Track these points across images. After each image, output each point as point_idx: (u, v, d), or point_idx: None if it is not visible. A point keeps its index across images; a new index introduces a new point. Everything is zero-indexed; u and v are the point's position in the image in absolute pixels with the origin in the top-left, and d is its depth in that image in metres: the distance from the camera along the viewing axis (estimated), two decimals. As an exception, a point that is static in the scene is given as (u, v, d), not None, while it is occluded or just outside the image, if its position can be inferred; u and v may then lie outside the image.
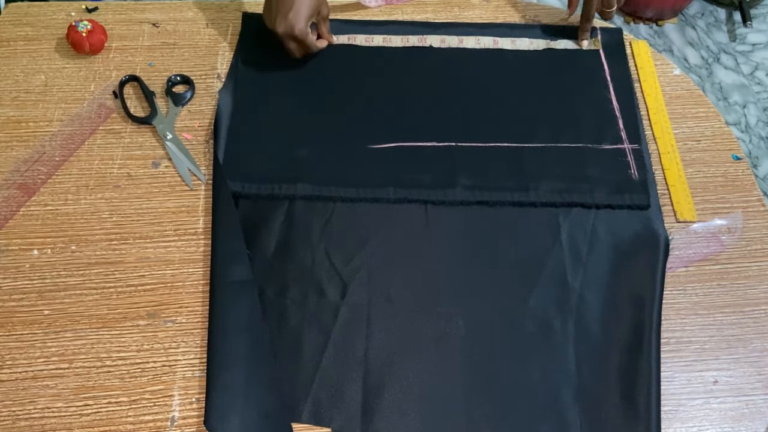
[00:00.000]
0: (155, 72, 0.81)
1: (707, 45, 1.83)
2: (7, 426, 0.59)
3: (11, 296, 0.65)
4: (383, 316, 0.65)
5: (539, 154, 0.75)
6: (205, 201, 0.72)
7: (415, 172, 0.73)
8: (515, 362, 0.63)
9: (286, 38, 0.76)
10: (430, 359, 0.63)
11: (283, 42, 0.76)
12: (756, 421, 0.61)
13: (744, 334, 0.65)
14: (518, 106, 0.79)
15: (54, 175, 0.73)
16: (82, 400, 0.60)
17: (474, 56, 0.83)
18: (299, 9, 0.73)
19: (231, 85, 0.79)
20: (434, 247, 0.69)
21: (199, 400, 0.60)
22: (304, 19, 0.74)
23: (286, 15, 0.74)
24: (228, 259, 0.66)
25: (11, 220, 0.70)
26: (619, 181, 0.73)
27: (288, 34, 0.75)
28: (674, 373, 0.63)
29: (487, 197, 0.71)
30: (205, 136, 0.76)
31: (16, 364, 0.62)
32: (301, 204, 0.71)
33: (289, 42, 0.76)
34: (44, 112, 0.77)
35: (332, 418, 0.60)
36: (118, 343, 0.63)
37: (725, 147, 0.77)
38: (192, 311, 0.65)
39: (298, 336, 0.63)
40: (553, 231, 0.70)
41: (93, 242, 0.68)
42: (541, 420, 0.60)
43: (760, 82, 1.77)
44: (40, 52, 0.82)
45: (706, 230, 0.71)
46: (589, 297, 0.66)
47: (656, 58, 0.85)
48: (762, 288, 0.68)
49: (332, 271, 0.67)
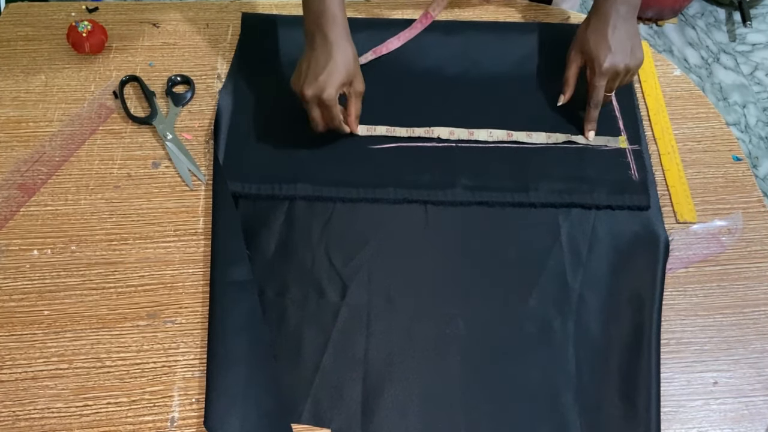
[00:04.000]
0: (155, 72, 0.81)
1: (707, 45, 1.83)
2: (7, 426, 0.59)
3: (11, 296, 0.65)
4: (383, 316, 0.65)
5: (539, 155, 0.75)
6: (205, 201, 0.71)
7: (415, 172, 0.73)
8: (515, 363, 0.63)
9: (312, 103, 0.69)
10: (430, 360, 0.63)
11: (309, 108, 0.70)
12: (756, 423, 0.61)
13: (744, 335, 0.65)
14: (516, 105, 0.79)
15: (54, 175, 0.73)
16: (82, 401, 0.60)
17: (474, 56, 0.83)
18: (331, 73, 0.68)
19: (231, 85, 0.79)
20: (434, 247, 0.69)
21: (199, 401, 0.60)
22: (335, 86, 0.68)
23: (316, 77, 0.68)
24: (228, 260, 0.66)
25: (11, 220, 0.70)
26: (619, 182, 0.73)
27: (315, 98, 0.68)
28: (674, 374, 0.63)
29: (487, 198, 0.71)
30: (205, 136, 0.76)
31: (16, 365, 0.62)
32: (301, 204, 0.71)
33: (314, 108, 0.70)
34: (44, 112, 0.77)
35: (332, 418, 0.60)
36: (118, 344, 0.63)
37: (725, 148, 0.77)
38: (192, 311, 0.65)
39: (298, 336, 0.63)
40: (553, 231, 0.70)
41: (93, 242, 0.68)
42: (541, 420, 0.60)
43: (759, 82, 1.77)
44: (40, 52, 0.82)
45: (706, 231, 0.71)
46: (589, 298, 0.66)
47: (656, 58, 0.85)
48: (762, 289, 0.68)
49: (332, 272, 0.67)
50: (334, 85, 0.68)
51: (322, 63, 0.68)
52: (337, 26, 0.69)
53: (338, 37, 0.69)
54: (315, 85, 0.68)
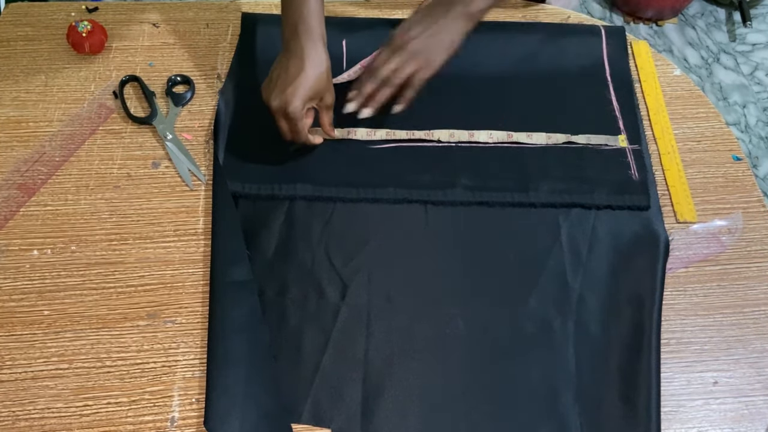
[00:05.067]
0: (155, 72, 0.81)
1: (707, 45, 1.83)
2: (7, 426, 0.59)
3: (11, 296, 0.65)
4: (383, 316, 0.65)
5: (539, 155, 0.75)
6: (205, 201, 0.71)
7: (415, 172, 0.73)
8: (515, 363, 0.63)
9: (278, 115, 0.68)
10: (430, 360, 0.63)
11: (275, 119, 0.69)
12: (756, 422, 0.61)
13: (744, 335, 0.65)
14: (516, 105, 0.79)
15: (54, 175, 0.73)
16: (82, 401, 0.60)
17: (474, 56, 0.83)
18: (298, 87, 0.66)
19: (231, 85, 0.79)
20: (434, 247, 0.69)
21: (199, 401, 0.60)
22: (302, 99, 0.66)
23: (283, 90, 0.66)
24: (228, 260, 0.66)
25: (11, 220, 0.70)
26: (619, 182, 0.73)
27: (280, 110, 0.67)
28: (674, 374, 0.63)
29: (487, 198, 0.71)
30: (205, 136, 0.76)
31: (16, 365, 0.61)
32: (301, 204, 0.71)
33: (281, 120, 0.69)
34: (44, 112, 0.77)
35: (332, 418, 0.60)
36: (118, 344, 0.63)
37: (725, 147, 0.77)
38: (192, 311, 0.65)
39: (298, 336, 0.63)
40: (553, 231, 0.70)
41: (93, 242, 0.68)
42: (541, 421, 0.60)
43: (759, 82, 1.77)
44: (40, 52, 0.82)
45: (706, 231, 0.71)
46: (589, 297, 0.66)
47: (656, 58, 0.85)
48: (762, 289, 0.68)
49: (332, 272, 0.67)
50: (300, 98, 0.66)
51: (293, 74, 0.66)
52: (312, 37, 0.67)
53: (312, 48, 0.67)
54: (281, 97, 0.66)
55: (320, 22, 0.68)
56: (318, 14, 0.68)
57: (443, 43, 0.70)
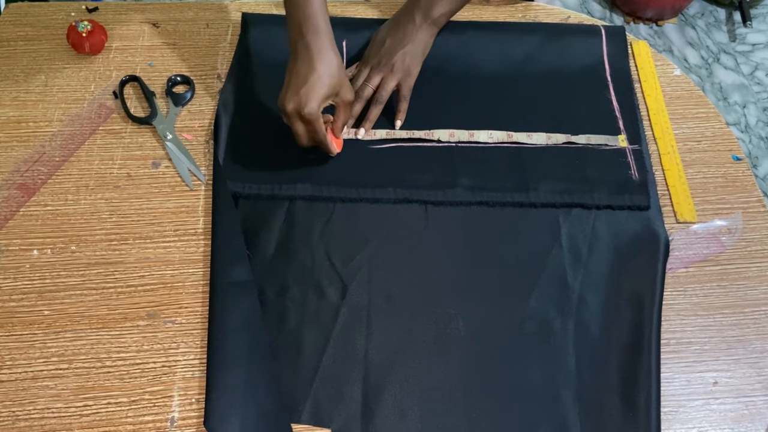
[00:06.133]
0: (155, 72, 0.81)
1: (707, 45, 1.83)
2: (7, 426, 0.59)
3: (11, 296, 0.65)
4: (383, 316, 0.65)
5: (539, 155, 0.75)
6: (205, 201, 0.71)
7: (415, 172, 0.73)
8: (515, 363, 0.63)
9: (293, 118, 0.66)
10: (430, 360, 0.63)
11: (291, 123, 0.68)
12: (756, 422, 0.61)
13: (744, 335, 0.65)
14: (516, 105, 0.79)
15: (54, 175, 0.73)
16: (81, 401, 0.60)
17: (474, 56, 0.83)
18: (312, 86, 0.64)
19: (231, 86, 0.79)
20: (434, 247, 0.69)
21: (199, 401, 0.60)
22: (317, 99, 0.65)
23: (296, 92, 0.64)
24: (228, 260, 0.66)
25: (11, 220, 0.70)
26: (619, 182, 0.73)
27: (296, 112, 0.65)
28: (674, 374, 0.63)
29: (487, 198, 0.71)
30: (205, 136, 0.76)
31: (16, 365, 0.61)
32: (301, 204, 0.71)
33: (297, 123, 0.67)
34: (44, 112, 0.77)
35: (332, 418, 0.60)
36: (117, 344, 0.63)
37: (725, 147, 0.77)
38: (192, 311, 0.65)
39: (298, 336, 0.63)
40: (553, 232, 0.70)
41: (93, 242, 0.68)
42: (541, 421, 0.60)
43: (760, 82, 1.77)
44: (40, 52, 0.82)
45: (706, 231, 0.71)
46: (589, 298, 0.66)
47: (656, 58, 0.85)
48: (762, 289, 0.68)
49: (332, 272, 0.67)
50: (316, 98, 0.65)
51: (303, 75, 0.65)
52: (319, 35, 0.66)
53: (320, 47, 0.66)
54: (295, 99, 0.65)
55: (325, 19, 0.67)
56: (322, 12, 0.67)
57: (417, 52, 0.76)
